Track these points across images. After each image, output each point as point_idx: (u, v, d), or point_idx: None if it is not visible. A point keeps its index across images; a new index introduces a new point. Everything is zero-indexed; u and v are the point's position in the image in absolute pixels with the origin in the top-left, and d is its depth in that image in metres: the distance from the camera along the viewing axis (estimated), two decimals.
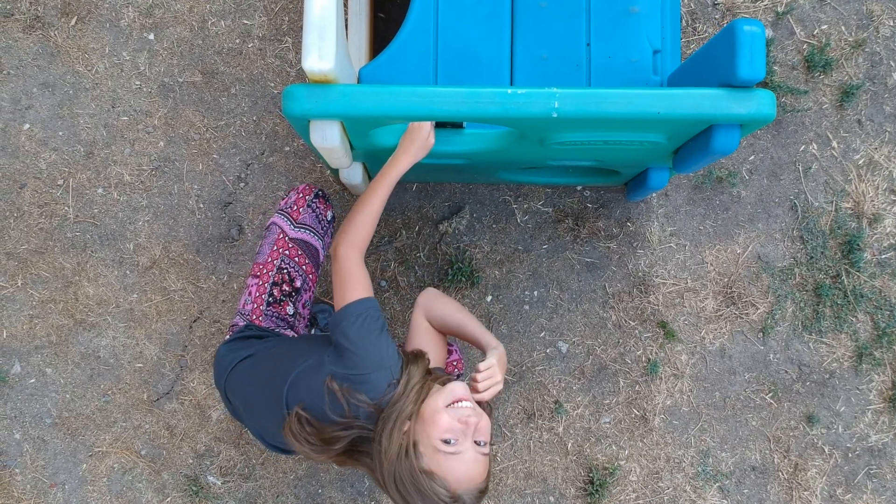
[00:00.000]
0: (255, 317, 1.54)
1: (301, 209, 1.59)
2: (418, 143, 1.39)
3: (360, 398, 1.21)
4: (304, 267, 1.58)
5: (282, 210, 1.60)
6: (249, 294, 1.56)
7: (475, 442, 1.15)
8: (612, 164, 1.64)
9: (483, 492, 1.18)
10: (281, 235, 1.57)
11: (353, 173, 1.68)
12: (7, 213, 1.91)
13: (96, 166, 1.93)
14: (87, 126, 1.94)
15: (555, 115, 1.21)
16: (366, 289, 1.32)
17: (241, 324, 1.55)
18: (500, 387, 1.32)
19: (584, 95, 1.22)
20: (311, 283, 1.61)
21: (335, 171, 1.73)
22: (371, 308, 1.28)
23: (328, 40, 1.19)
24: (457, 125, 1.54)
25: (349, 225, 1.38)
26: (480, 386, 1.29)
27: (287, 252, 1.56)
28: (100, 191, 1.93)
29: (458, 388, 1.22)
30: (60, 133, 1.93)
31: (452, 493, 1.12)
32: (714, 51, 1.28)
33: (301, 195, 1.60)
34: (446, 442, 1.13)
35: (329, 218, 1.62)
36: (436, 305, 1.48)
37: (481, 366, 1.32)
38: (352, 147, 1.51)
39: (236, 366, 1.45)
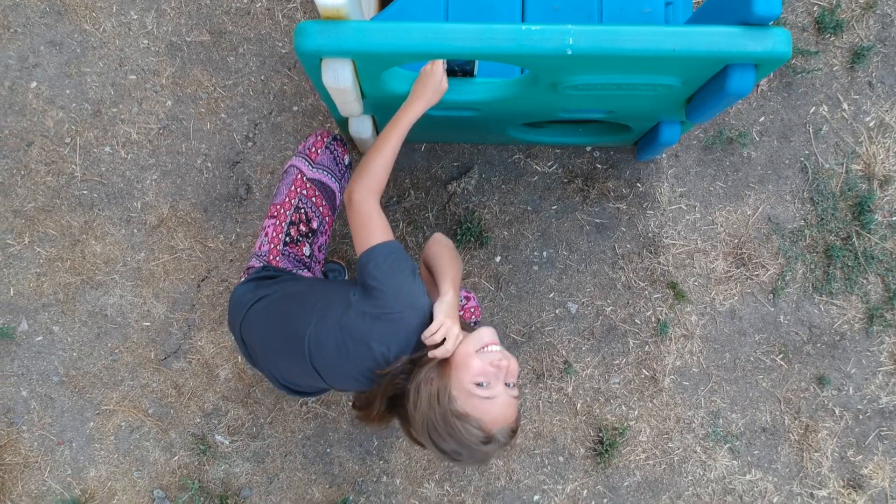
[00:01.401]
0: (272, 257, 1.53)
1: (319, 150, 1.58)
2: (431, 87, 1.38)
3: (388, 342, 1.21)
4: (320, 208, 1.57)
5: (300, 152, 1.60)
6: (266, 235, 1.55)
7: (506, 384, 1.16)
8: (624, 115, 1.63)
9: (515, 431, 1.18)
10: (299, 176, 1.56)
11: (362, 126, 1.67)
12: (14, 171, 1.91)
13: (104, 125, 1.92)
14: (95, 85, 1.93)
15: (569, 52, 1.20)
16: (388, 232, 1.31)
17: (258, 265, 1.53)
18: (456, 336, 1.22)
19: (600, 32, 1.21)
20: (327, 226, 1.60)
21: (344, 126, 1.72)
22: (398, 249, 1.27)
23: None
24: (467, 73, 1.53)
25: (363, 170, 1.37)
26: (429, 342, 1.20)
27: (304, 192, 1.55)
28: (107, 149, 1.93)
29: (486, 333, 1.22)
30: (68, 91, 1.92)
31: (487, 433, 1.12)
32: None
33: (319, 138, 1.60)
34: (479, 385, 1.13)
35: (346, 162, 1.61)
36: (432, 245, 1.45)
37: (426, 332, 1.22)
38: (363, 96, 1.50)
39: (253, 306, 1.44)
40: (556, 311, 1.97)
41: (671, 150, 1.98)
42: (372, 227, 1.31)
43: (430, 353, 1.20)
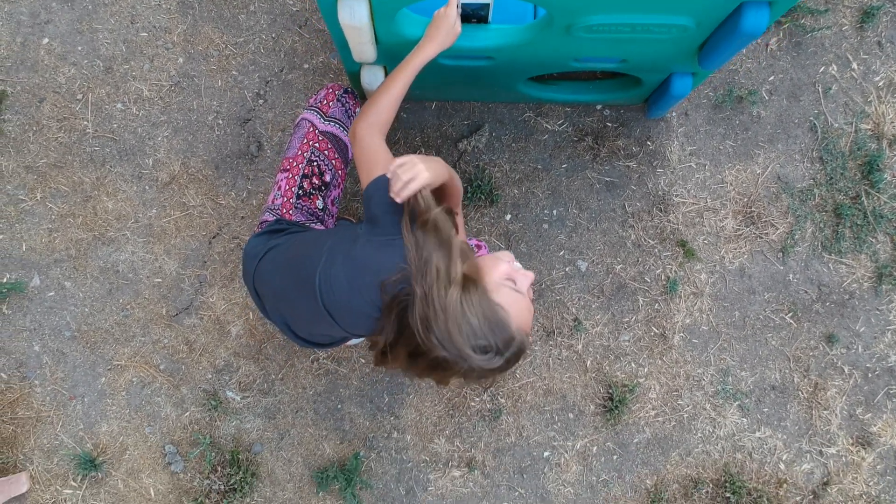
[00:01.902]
0: (285, 210, 1.53)
1: (331, 103, 1.59)
2: (444, 29, 1.38)
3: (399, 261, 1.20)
4: (333, 161, 1.57)
5: (311, 106, 1.60)
6: (279, 188, 1.55)
7: (529, 291, 1.18)
8: (636, 64, 1.63)
9: (525, 344, 1.17)
10: (311, 129, 1.56)
11: (374, 77, 1.68)
12: (26, 127, 1.91)
13: (115, 81, 1.93)
14: (107, 41, 1.93)
15: None
16: (391, 165, 1.32)
17: (271, 218, 1.54)
18: (422, 179, 1.21)
19: None
20: (340, 180, 1.60)
21: (356, 79, 1.72)
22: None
23: None
24: (482, 20, 1.54)
25: (369, 107, 1.38)
26: (392, 175, 1.21)
27: (317, 145, 1.55)
28: (119, 106, 1.93)
29: (505, 253, 1.24)
30: (80, 48, 1.93)
31: (510, 331, 1.11)
32: None
33: (331, 90, 1.60)
34: (510, 280, 1.14)
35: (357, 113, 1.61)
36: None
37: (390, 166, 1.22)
38: (376, 41, 1.50)
39: (265, 255, 1.45)
40: (566, 269, 1.97)
41: (681, 109, 1.99)
42: (376, 161, 1.31)
43: (392, 193, 1.19)
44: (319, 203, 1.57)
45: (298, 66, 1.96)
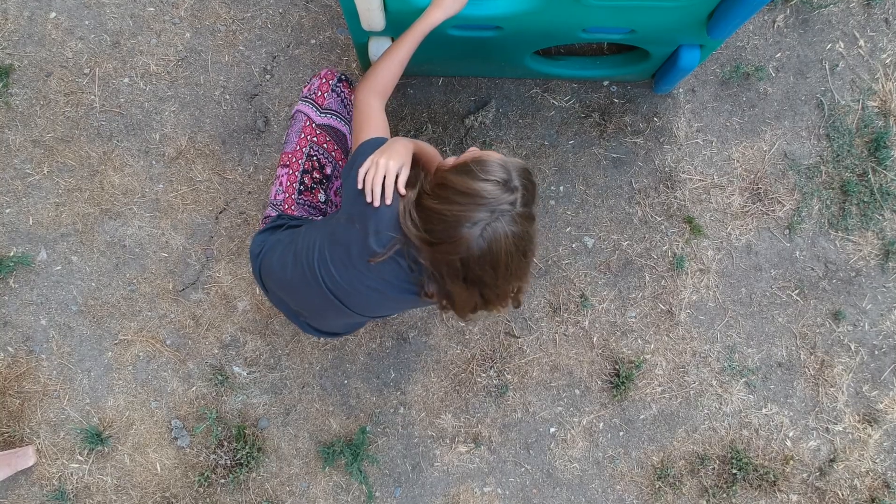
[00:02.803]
0: (287, 206, 1.54)
1: (326, 94, 1.58)
2: None
3: (381, 232, 1.21)
4: (333, 153, 1.57)
5: (306, 97, 1.59)
6: (280, 184, 1.56)
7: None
8: (645, 35, 1.63)
9: (527, 170, 1.19)
10: (308, 123, 1.56)
11: (381, 48, 1.67)
12: (33, 101, 1.91)
13: (122, 56, 1.93)
14: (114, 16, 1.93)
15: None
16: (383, 130, 1.33)
17: (274, 214, 1.55)
18: (392, 168, 1.23)
19: None
20: (340, 168, 1.60)
21: (363, 52, 1.72)
22: (381, 144, 1.28)
23: None
24: None
25: (371, 71, 1.39)
26: (371, 195, 1.22)
27: (315, 139, 1.55)
28: (126, 80, 1.93)
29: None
30: (87, 22, 1.93)
31: (505, 168, 1.14)
32: None
33: (324, 80, 1.59)
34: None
35: (352, 107, 1.61)
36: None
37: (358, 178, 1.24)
38: (385, 8, 1.50)
39: (269, 251, 1.45)
40: (573, 246, 1.97)
41: (688, 85, 1.99)
42: (369, 125, 1.33)
43: (368, 198, 1.20)
44: (321, 196, 1.58)
45: (305, 42, 1.96)
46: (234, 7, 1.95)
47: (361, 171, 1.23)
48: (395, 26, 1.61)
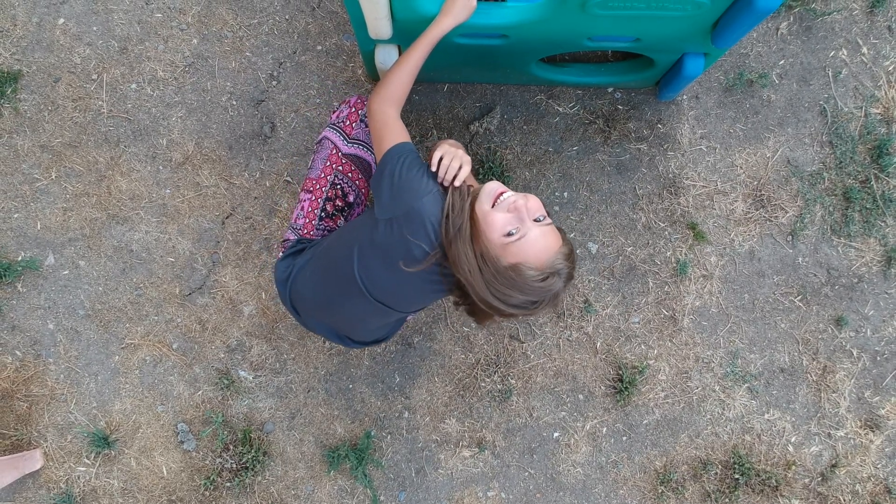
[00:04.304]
0: (306, 231, 1.56)
1: (354, 124, 1.60)
2: (460, 3, 1.39)
3: (420, 236, 1.23)
4: (357, 182, 1.59)
5: (334, 124, 1.61)
6: (302, 209, 1.58)
7: (534, 221, 1.18)
8: (650, 43, 1.64)
9: (569, 254, 1.21)
10: (334, 151, 1.58)
11: (388, 56, 1.69)
12: (42, 107, 1.92)
13: (130, 62, 1.94)
14: (122, 22, 1.95)
15: None
16: (403, 136, 1.34)
17: (293, 238, 1.57)
18: (467, 161, 1.33)
19: None
20: (363, 197, 1.62)
21: (370, 60, 1.73)
22: (408, 150, 1.31)
23: None
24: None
25: (384, 81, 1.40)
26: (445, 174, 1.30)
27: (340, 168, 1.57)
28: (133, 86, 1.94)
29: (492, 185, 1.26)
30: (95, 28, 1.94)
31: (541, 269, 1.16)
32: None
33: (353, 109, 1.60)
34: (509, 234, 1.15)
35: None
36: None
37: (434, 156, 1.33)
38: (392, 17, 1.51)
39: (296, 276, 1.47)
40: (577, 251, 1.98)
41: (692, 92, 2.00)
42: (386, 133, 1.35)
43: (445, 184, 1.29)
44: (341, 222, 1.60)
45: (312, 48, 1.97)
46: (241, 13, 1.96)
47: (437, 155, 1.32)
48: (402, 34, 1.62)
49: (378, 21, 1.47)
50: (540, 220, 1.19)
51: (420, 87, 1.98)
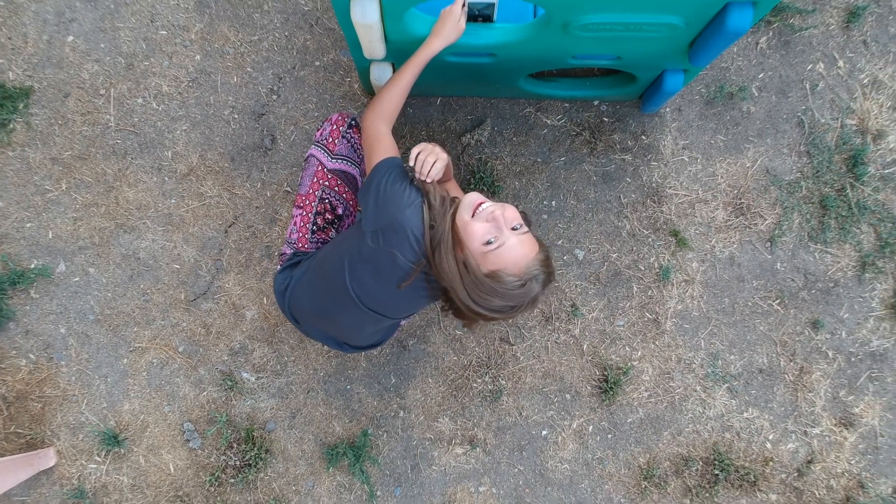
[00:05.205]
0: (301, 245, 1.65)
1: (336, 140, 1.68)
2: (449, 25, 1.48)
3: (403, 248, 1.31)
4: (344, 195, 1.68)
5: (318, 142, 1.69)
6: (295, 224, 1.66)
7: (512, 229, 1.26)
8: (630, 61, 1.72)
9: (545, 260, 1.29)
10: (319, 168, 1.66)
11: (382, 73, 1.77)
12: (52, 121, 2.01)
13: (136, 77, 2.03)
14: (128, 39, 2.03)
15: None
16: (393, 151, 1.43)
17: (289, 252, 1.66)
18: (442, 158, 1.42)
19: None
20: (351, 209, 1.71)
21: (365, 75, 1.82)
22: (395, 164, 1.40)
23: None
24: (488, 18, 1.63)
25: (377, 98, 1.49)
26: (420, 168, 1.39)
27: (327, 183, 1.65)
28: (140, 101, 2.03)
29: (471, 196, 1.34)
30: (102, 45, 2.03)
31: (518, 275, 1.24)
32: None
33: (335, 126, 1.68)
34: (488, 243, 1.23)
35: (361, 145, 1.71)
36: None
37: (412, 153, 1.42)
38: (386, 39, 1.60)
39: (293, 287, 1.56)
40: (564, 258, 2.07)
41: (674, 105, 2.08)
42: (376, 148, 1.43)
43: (419, 177, 1.38)
44: (333, 234, 1.69)
45: (310, 63, 2.05)
46: (242, 30, 2.05)
47: (414, 151, 1.40)
48: (395, 54, 1.71)
49: (372, 43, 1.56)
50: (517, 229, 1.27)
51: (414, 100, 2.06)
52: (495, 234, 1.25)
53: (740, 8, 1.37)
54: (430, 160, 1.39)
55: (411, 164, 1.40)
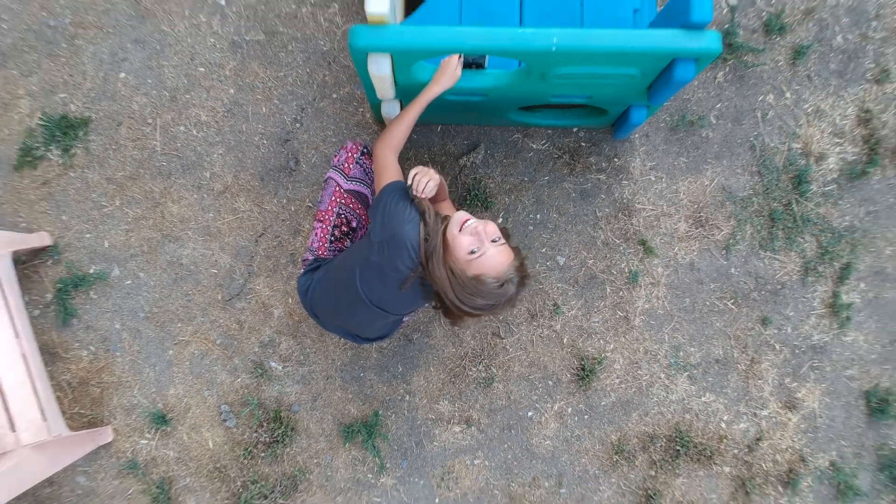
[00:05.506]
0: (321, 252, 1.97)
1: (351, 165, 2.00)
2: (447, 73, 1.80)
3: (402, 256, 1.63)
4: (357, 211, 1.99)
5: (335, 166, 2.01)
6: (316, 235, 1.99)
7: (492, 241, 1.57)
8: (600, 100, 2.05)
9: (519, 266, 1.59)
10: (337, 188, 1.98)
11: (392, 109, 2.10)
12: (107, 146, 2.34)
13: (179, 108, 2.35)
14: (172, 75, 2.35)
15: (554, 49, 1.62)
16: (397, 176, 1.75)
17: (311, 258, 1.98)
18: (435, 179, 1.69)
19: (576, 33, 1.62)
20: (364, 222, 2.02)
21: (378, 112, 2.14)
22: (399, 187, 1.71)
23: None
24: (480, 66, 1.95)
25: (386, 132, 1.81)
26: (417, 186, 1.67)
27: (343, 201, 1.97)
28: (182, 128, 2.35)
29: (459, 214, 1.65)
30: (149, 80, 2.35)
31: (497, 278, 1.54)
32: (675, 2, 1.68)
33: (350, 153, 2.00)
34: (472, 252, 1.55)
35: (373, 169, 2.03)
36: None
37: (410, 173, 1.70)
38: (395, 83, 1.92)
39: (314, 288, 1.88)
40: (547, 263, 2.40)
41: (642, 131, 2.40)
42: (385, 173, 1.75)
43: (416, 194, 1.66)
44: (348, 243, 2.00)
45: (328, 96, 2.38)
46: (270, 67, 2.37)
47: (412, 173, 1.69)
48: (403, 94, 2.03)
49: (384, 88, 1.88)
50: (496, 241, 1.57)
51: (418, 127, 2.38)
52: (478, 245, 1.55)
53: (685, 63, 1.69)
54: (425, 180, 1.68)
55: (409, 182, 1.70)
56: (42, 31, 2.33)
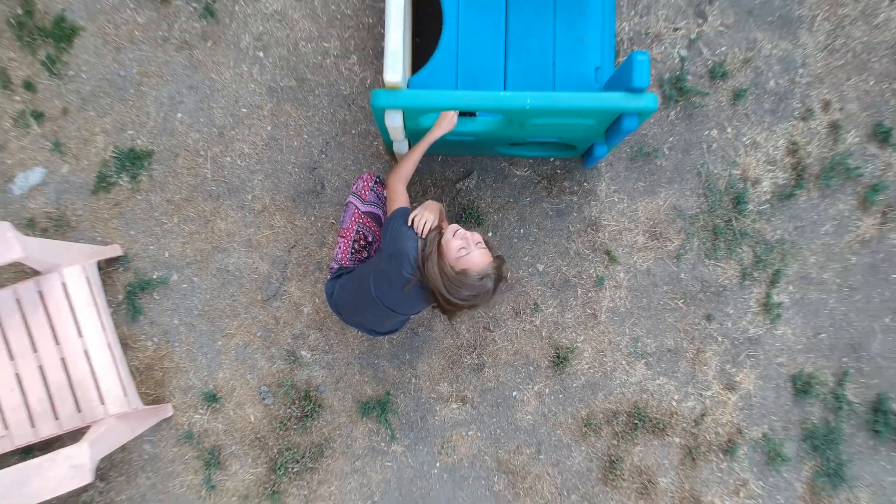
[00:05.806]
0: (343, 262, 2.46)
1: (367, 192, 2.49)
2: (446, 121, 2.30)
3: (405, 265, 2.12)
4: (372, 228, 2.49)
5: (354, 192, 2.50)
6: (339, 248, 2.47)
7: (476, 244, 2.07)
8: (569, 139, 2.55)
9: (497, 265, 2.06)
10: (356, 210, 2.47)
11: (402, 146, 2.60)
12: (167, 174, 2.84)
13: (226, 142, 2.85)
14: (219, 115, 2.85)
15: (527, 108, 2.12)
16: (405, 203, 2.25)
17: (335, 267, 2.47)
18: (431, 219, 2.17)
19: (544, 95, 2.12)
20: (378, 237, 2.51)
21: (390, 146, 2.64)
22: (405, 212, 2.20)
23: (399, 62, 2.09)
24: (471, 114, 2.46)
25: (397, 167, 2.32)
26: (417, 228, 2.14)
27: (361, 220, 2.46)
28: (228, 159, 2.85)
29: (452, 226, 2.14)
30: (202, 119, 2.85)
31: (479, 273, 2.01)
32: (622, 69, 2.18)
33: (365, 182, 2.48)
34: (461, 251, 2.04)
35: (385, 195, 2.51)
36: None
37: (410, 216, 2.17)
38: (405, 128, 2.42)
39: (339, 293, 2.38)
40: (529, 270, 2.89)
41: (607, 161, 2.90)
42: (395, 199, 2.26)
43: (419, 234, 2.13)
44: (366, 255, 2.49)
45: (349, 132, 2.87)
46: (300, 108, 2.87)
47: (412, 216, 2.17)
48: (411, 135, 2.53)
49: (396, 133, 2.38)
50: (479, 244, 2.07)
51: (423, 157, 2.87)
52: (465, 246, 2.05)
53: (630, 117, 2.19)
54: (422, 223, 2.16)
55: (410, 223, 2.17)
56: (114, 79, 2.84)
